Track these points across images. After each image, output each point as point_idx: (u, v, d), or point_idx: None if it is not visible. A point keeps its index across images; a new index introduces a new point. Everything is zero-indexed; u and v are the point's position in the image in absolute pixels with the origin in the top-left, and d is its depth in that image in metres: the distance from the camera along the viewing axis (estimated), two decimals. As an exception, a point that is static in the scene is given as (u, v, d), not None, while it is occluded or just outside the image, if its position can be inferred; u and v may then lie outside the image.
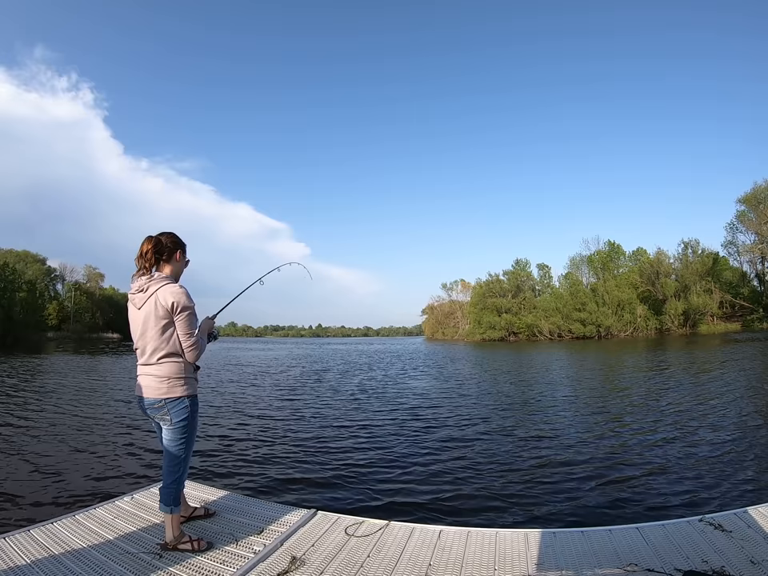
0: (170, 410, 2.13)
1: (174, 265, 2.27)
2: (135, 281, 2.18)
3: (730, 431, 6.02)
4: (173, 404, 2.13)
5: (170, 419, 2.14)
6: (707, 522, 2.32)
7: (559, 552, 2.12)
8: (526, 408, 8.52)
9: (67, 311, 70.07)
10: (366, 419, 7.65)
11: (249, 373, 17.20)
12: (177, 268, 2.29)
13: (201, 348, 2.20)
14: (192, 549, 2.18)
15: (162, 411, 2.14)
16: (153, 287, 2.12)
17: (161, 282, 2.13)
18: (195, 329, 2.18)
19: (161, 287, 2.12)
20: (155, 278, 2.15)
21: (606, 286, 54.43)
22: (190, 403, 2.19)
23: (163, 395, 2.12)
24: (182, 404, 2.15)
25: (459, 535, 2.37)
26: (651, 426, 6.60)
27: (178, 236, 2.33)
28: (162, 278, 2.16)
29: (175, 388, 2.14)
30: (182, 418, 2.15)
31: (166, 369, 2.13)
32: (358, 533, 2.43)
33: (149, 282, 2.13)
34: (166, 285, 2.13)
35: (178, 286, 2.16)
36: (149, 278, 2.14)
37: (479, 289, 67.55)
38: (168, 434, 2.19)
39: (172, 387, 2.13)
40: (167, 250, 2.23)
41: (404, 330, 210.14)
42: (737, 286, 51.96)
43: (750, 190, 48.69)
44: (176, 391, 2.13)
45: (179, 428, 2.17)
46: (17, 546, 2.17)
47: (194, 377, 2.25)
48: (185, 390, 2.16)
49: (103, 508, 2.73)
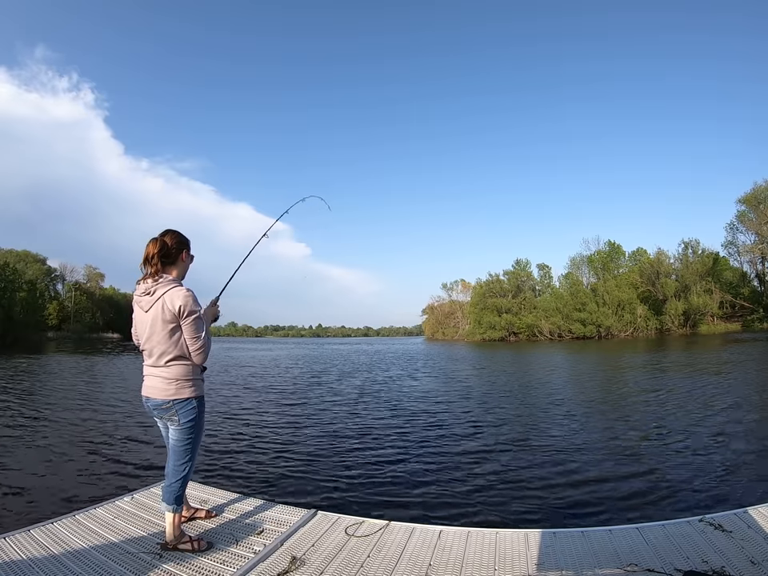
0: (177, 411, 2.15)
1: (179, 266, 2.26)
2: (141, 283, 2.17)
3: (730, 431, 6.02)
4: (181, 405, 2.15)
5: (177, 420, 2.16)
6: (707, 522, 2.32)
7: (559, 552, 2.12)
8: (526, 408, 8.52)
9: (67, 311, 70.09)
10: (366, 419, 7.65)
11: (249, 373, 17.20)
12: (182, 268, 2.29)
13: (208, 350, 2.22)
14: (192, 549, 2.18)
15: (170, 412, 2.16)
16: (160, 290, 2.11)
17: (168, 286, 2.12)
18: (202, 332, 2.17)
19: (168, 291, 2.11)
20: (161, 281, 2.13)
21: (606, 286, 54.40)
22: (198, 404, 2.21)
23: (171, 396, 2.14)
24: (189, 405, 2.17)
25: (459, 535, 2.37)
26: (651, 425, 6.60)
27: (181, 234, 2.31)
28: (168, 281, 2.15)
29: (183, 390, 2.16)
30: (189, 418, 2.17)
31: (173, 371, 2.14)
32: (358, 533, 2.43)
33: (155, 285, 2.12)
34: (172, 288, 2.12)
35: (185, 290, 2.15)
36: (155, 281, 2.13)
37: (479, 289, 67.55)
38: (175, 435, 2.21)
39: (180, 389, 2.15)
40: (173, 252, 2.22)
41: (404, 330, 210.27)
42: (737, 286, 51.92)
43: (750, 190, 48.70)
44: (184, 393, 2.16)
45: (187, 429, 2.19)
46: (17, 545, 2.17)
47: (201, 378, 2.27)
48: (193, 391, 2.19)
49: (103, 508, 2.73)
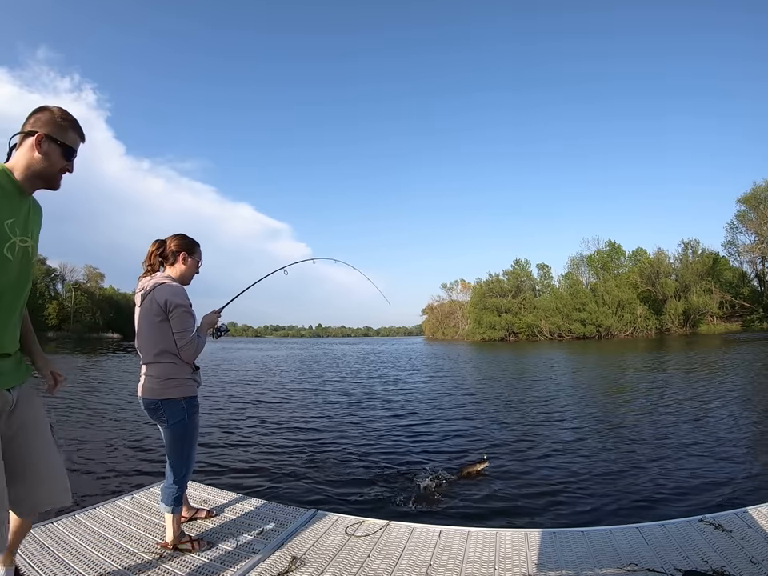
0: (165, 412, 2.12)
1: (177, 267, 2.28)
2: (139, 281, 2.23)
3: (730, 431, 6.02)
4: (168, 405, 2.12)
5: (166, 420, 2.14)
6: (707, 521, 2.32)
7: (559, 552, 2.12)
8: (526, 408, 8.52)
9: (67, 311, 70.04)
10: (366, 419, 7.65)
11: (248, 373, 17.18)
12: (181, 270, 2.29)
13: (196, 347, 2.16)
14: (192, 549, 2.18)
15: (159, 412, 2.13)
16: (151, 286, 2.16)
17: (160, 281, 2.17)
18: (190, 328, 2.15)
19: (158, 286, 2.14)
20: (156, 277, 2.19)
21: (606, 285, 54.41)
22: (186, 405, 2.16)
23: (158, 396, 2.11)
24: (176, 405, 2.13)
25: (459, 535, 2.37)
26: (651, 425, 6.59)
27: (187, 237, 2.33)
28: (162, 278, 2.19)
29: (170, 389, 2.12)
30: (177, 419, 2.14)
31: (161, 369, 2.13)
32: (358, 533, 2.43)
33: (149, 281, 2.18)
34: (163, 284, 2.16)
35: (174, 285, 2.18)
36: (150, 278, 2.20)
37: (479, 289, 67.55)
38: (166, 435, 2.19)
39: (166, 388, 2.11)
40: (170, 254, 2.27)
41: (404, 330, 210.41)
42: (737, 286, 51.89)
43: (750, 190, 48.68)
44: (170, 392, 2.12)
45: (175, 429, 2.16)
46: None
47: (191, 378, 2.22)
48: (180, 391, 2.14)
49: (103, 508, 2.73)
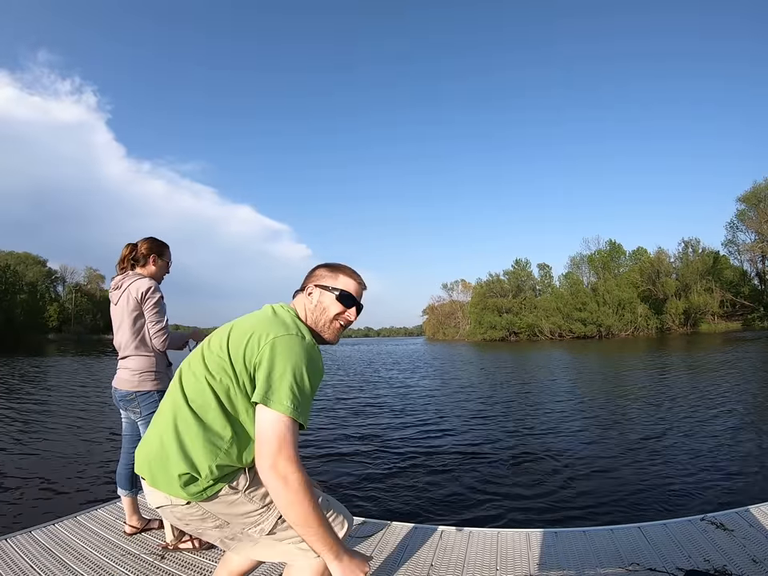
0: (140, 403, 2.25)
1: (148, 269, 2.40)
2: (113, 280, 2.37)
3: (731, 430, 6.02)
4: (143, 397, 2.25)
5: (140, 412, 2.26)
6: (709, 520, 2.31)
7: (561, 552, 2.12)
8: (527, 408, 8.52)
9: (68, 313, 70.18)
10: (367, 419, 7.65)
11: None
12: (152, 272, 2.40)
13: (167, 335, 2.29)
14: (193, 548, 2.19)
15: (133, 404, 2.26)
16: (126, 283, 2.29)
17: (133, 278, 2.29)
18: (162, 316, 2.29)
19: (132, 282, 2.27)
20: (129, 275, 2.32)
21: (607, 285, 54.43)
22: (159, 398, 2.24)
23: (134, 388, 2.24)
24: (151, 398, 2.25)
25: (461, 535, 2.36)
26: (652, 425, 6.59)
27: (157, 240, 2.46)
28: (134, 274, 2.32)
29: (146, 382, 2.25)
30: (151, 411, 2.22)
31: (138, 362, 2.26)
32: (358, 533, 2.42)
33: (123, 279, 2.31)
34: (137, 279, 2.28)
35: (148, 279, 2.30)
36: (123, 276, 2.33)
37: (480, 289, 67.64)
38: (141, 428, 2.30)
39: (143, 381, 2.25)
40: (141, 257, 2.39)
41: (405, 330, 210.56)
42: (737, 285, 51.91)
43: (750, 189, 48.76)
44: (146, 385, 2.25)
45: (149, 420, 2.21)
46: (18, 547, 2.17)
47: (165, 372, 2.35)
48: (155, 384, 2.27)
49: (105, 509, 2.73)
